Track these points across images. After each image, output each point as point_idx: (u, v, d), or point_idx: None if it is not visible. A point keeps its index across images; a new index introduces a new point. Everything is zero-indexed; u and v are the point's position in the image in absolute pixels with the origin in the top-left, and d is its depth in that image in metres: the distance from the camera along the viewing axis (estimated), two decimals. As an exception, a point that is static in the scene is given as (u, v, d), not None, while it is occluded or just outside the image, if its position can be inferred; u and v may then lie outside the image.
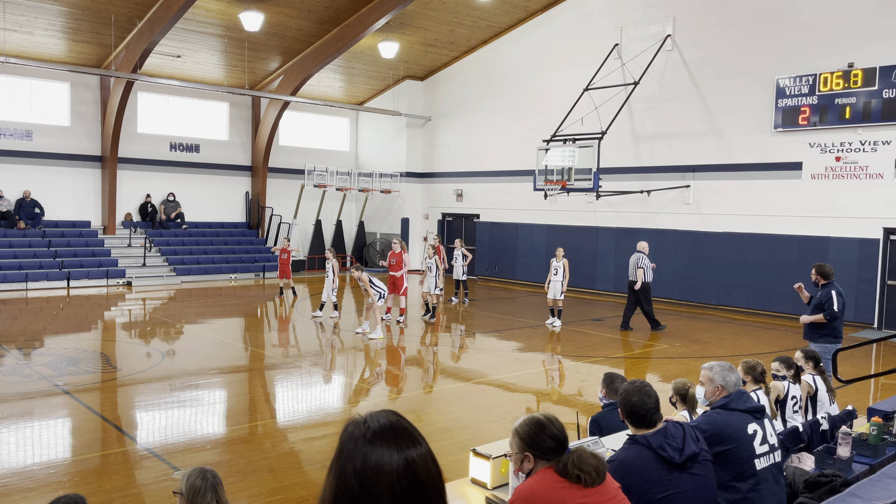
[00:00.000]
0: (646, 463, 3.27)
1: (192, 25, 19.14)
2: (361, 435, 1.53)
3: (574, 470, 2.73)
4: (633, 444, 3.40)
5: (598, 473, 2.77)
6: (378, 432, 1.53)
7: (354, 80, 25.24)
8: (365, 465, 1.49)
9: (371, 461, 1.49)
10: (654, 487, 3.21)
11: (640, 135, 19.09)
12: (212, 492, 3.43)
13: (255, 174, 24.62)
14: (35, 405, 8.12)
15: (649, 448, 3.30)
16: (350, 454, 1.51)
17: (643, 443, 3.33)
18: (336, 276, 14.62)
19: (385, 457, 1.49)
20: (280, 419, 8.16)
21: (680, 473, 3.26)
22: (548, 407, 8.66)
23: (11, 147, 20.08)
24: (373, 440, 1.52)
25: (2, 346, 11.19)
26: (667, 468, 3.26)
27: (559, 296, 14.35)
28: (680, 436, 3.34)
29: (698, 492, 3.30)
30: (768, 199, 16.57)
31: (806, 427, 5.16)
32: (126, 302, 17.24)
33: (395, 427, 1.56)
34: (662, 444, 3.28)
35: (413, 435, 1.56)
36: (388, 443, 1.51)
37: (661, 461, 3.26)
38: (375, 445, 1.51)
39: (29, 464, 6.32)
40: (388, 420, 1.57)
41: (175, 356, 11.23)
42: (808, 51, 15.86)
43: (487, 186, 23.40)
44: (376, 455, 1.49)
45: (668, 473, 3.25)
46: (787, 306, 15.97)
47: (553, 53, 21.16)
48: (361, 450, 1.51)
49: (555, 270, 14.49)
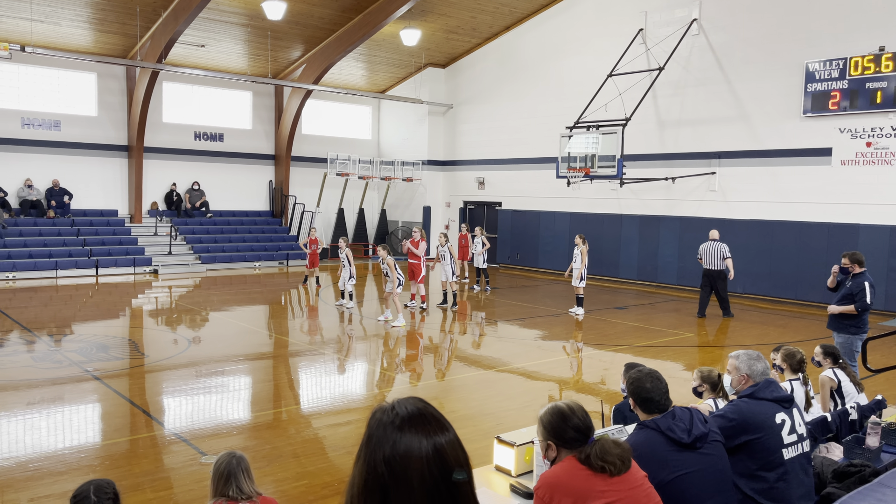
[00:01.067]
0: (655, 445, 3.28)
1: (215, 15, 19.23)
2: (390, 422, 1.54)
3: (598, 462, 2.73)
4: (642, 428, 3.42)
5: (623, 462, 2.76)
6: (406, 419, 1.54)
7: (376, 68, 25.22)
8: (394, 452, 1.49)
9: (400, 447, 1.50)
10: (665, 469, 3.22)
11: (664, 121, 18.86)
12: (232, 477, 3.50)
13: (278, 163, 24.76)
14: (66, 391, 8.29)
15: (658, 431, 3.32)
16: (379, 441, 1.52)
17: (652, 426, 3.35)
18: (351, 265, 14.60)
19: (414, 443, 1.50)
20: (304, 405, 8.23)
21: (690, 453, 3.27)
22: (571, 395, 8.64)
23: (40, 137, 20.40)
24: (402, 427, 1.52)
25: (33, 333, 11.42)
26: (676, 449, 3.27)
27: (578, 283, 14.21)
28: (687, 418, 3.36)
29: (710, 471, 3.31)
30: (796, 186, 16.30)
31: (834, 417, 5.08)
32: (153, 289, 17.48)
33: (424, 414, 1.56)
34: (671, 426, 3.30)
35: (441, 421, 1.57)
36: (416, 429, 1.52)
37: (670, 442, 3.28)
38: (404, 432, 1.51)
39: (60, 448, 6.45)
40: (415, 407, 1.57)
41: (201, 343, 11.38)
42: (837, 34, 15.53)
43: (509, 174, 23.30)
44: (405, 441, 1.50)
45: (677, 454, 3.26)
46: (815, 295, 15.74)
47: (576, 39, 20.94)
48: (391, 436, 1.51)
49: (574, 258, 14.43)
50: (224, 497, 3.49)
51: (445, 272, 14.91)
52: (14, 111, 19.99)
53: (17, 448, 6.46)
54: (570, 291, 15.07)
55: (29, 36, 18.56)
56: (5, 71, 19.76)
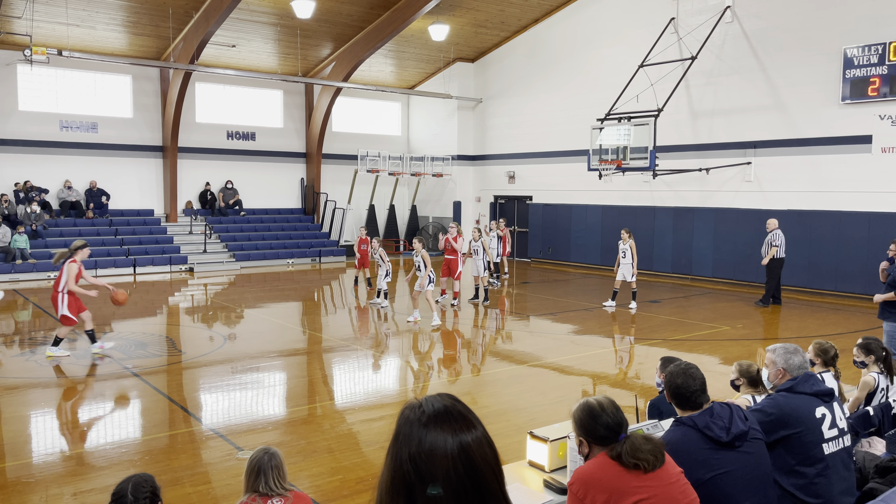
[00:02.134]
0: (692, 443, 3.22)
1: (245, 15, 19.45)
2: (416, 419, 1.54)
3: (630, 459, 2.70)
4: (679, 425, 3.35)
5: (656, 457, 2.73)
6: (433, 416, 1.53)
7: (405, 64, 25.26)
8: (420, 449, 1.49)
9: (425, 445, 1.49)
10: (703, 468, 3.16)
11: (697, 111, 18.56)
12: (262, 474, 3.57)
13: (309, 160, 24.97)
14: (107, 387, 8.48)
15: (695, 428, 3.25)
16: (405, 438, 1.52)
17: (689, 423, 3.28)
18: (386, 262, 14.32)
19: (439, 440, 1.49)
20: (338, 401, 8.30)
21: (728, 452, 3.20)
22: (605, 390, 8.57)
23: (78, 139, 20.86)
24: (427, 424, 1.52)
25: (75, 331, 11.70)
26: (714, 447, 3.20)
27: (630, 278, 14.21)
28: (727, 415, 3.27)
29: (749, 470, 3.23)
30: (835, 175, 15.92)
31: (877, 410, 4.96)
32: (189, 287, 17.77)
33: (450, 411, 1.55)
34: (708, 424, 3.23)
35: (468, 419, 1.56)
36: (442, 427, 1.51)
37: (707, 441, 3.21)
38: (430, 429, 1.51)
39: (102, 443, 6.61)
40: (442, 404, 1.57)
41: (236, 340, 11.54)
42: (876, 18, 15.10)
43: (540, 167, 23.16)
44: (430, 439, 1.50)
45: (715, 453, 3.19)
46: (855, 286, 15.38)
47: (606, 30, 20.70)
48: (416, 433, 1.51)
49: (622, 253, 14.27)
50: (255, 492, 3.54)
51: (478, 267, 14.87)
52: (53, 114, 20.48)
53: (60, 444, 6.63)
54: (603, 285, 14.93)
55: (66, 40, 18.97)
56: (43, 75, 20.24)
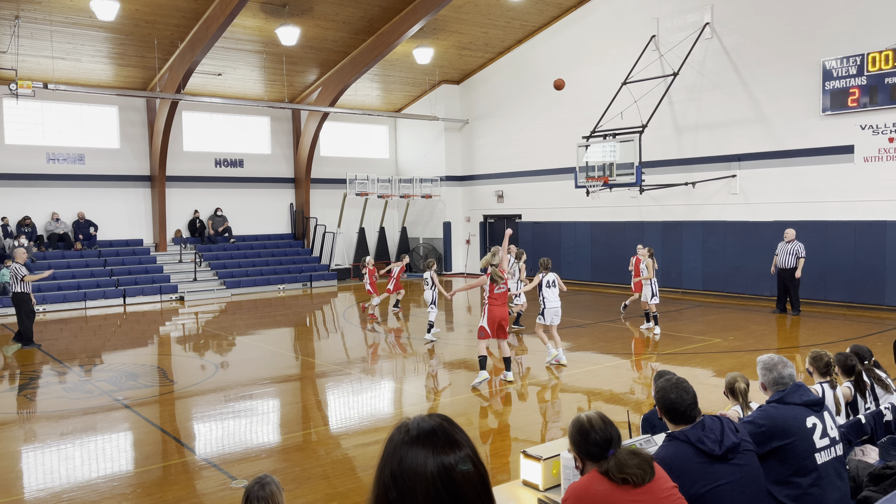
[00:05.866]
0: (685, 458, 3.23)
1: (231, 43, 19.57)
2: (401, 439, 1.55)
3: (617, 474, 2.71)
4: (671, 440, 3.36)
5: (644, 471, 2.74)
6: (416, 436, 1.54)
7: (391, 88, 25.43)
8: (401, 468, 1.51)
9: (406, 464, 1.51)
10: (698, 482, 3.17)
11: (681, 126, 18.76)
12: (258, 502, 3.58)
13: (298, 186, 25.00)
14: (97, 420, 8.39)
15: (688, 443, 3.26)
16: (389, 457, 1.54)
17: (681, 438, 3.30)
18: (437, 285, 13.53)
19: (419, 460, 1.50)
20: (333, 426, 8.25)
21: (722, 465, 3.22)
22: (599, 406, 8.57)
23: (66, 171, 20.82)
24: (410, 443, 1.53)
25: (64, 364, 11.60)
26: (708, 461, 3.21)
27: (650, 300, 13.26)
28: (718, 428, 3.29)
29: (744, 482, 3.25)
30: (819, 185, 16.09)
31: (869, 418, 4.98)
32: (179, 316, 17.68)
33: (436, 431, 1.56)
34: (701, 438, 3.24)
35: (454, 439, 1.56)
36: (424, 446, 1.52)
37: (701, 455, 3.22)
38: (412, 448, 1.52)
39: (93, 477, 6.53)
40: (429, 424, 1.58)
41: (229, 367, 11.47)
42: (854, 30, 15.37)
43: (528, 186, 23.28)
44: (411, 458, 1.51)
45: (709, 466, 3.20)
46: (842, 295, 15.48)
47: (589, 49, 20.96)
48: (398, 452, 1.53)
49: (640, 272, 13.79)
50: None
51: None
52: (39, 147, 20.45)
53: (51, 479, 6.55)
54: (594, 301, 14.94)
55: (51, 73, 19.01)
56: (30, 108, 20.24)
